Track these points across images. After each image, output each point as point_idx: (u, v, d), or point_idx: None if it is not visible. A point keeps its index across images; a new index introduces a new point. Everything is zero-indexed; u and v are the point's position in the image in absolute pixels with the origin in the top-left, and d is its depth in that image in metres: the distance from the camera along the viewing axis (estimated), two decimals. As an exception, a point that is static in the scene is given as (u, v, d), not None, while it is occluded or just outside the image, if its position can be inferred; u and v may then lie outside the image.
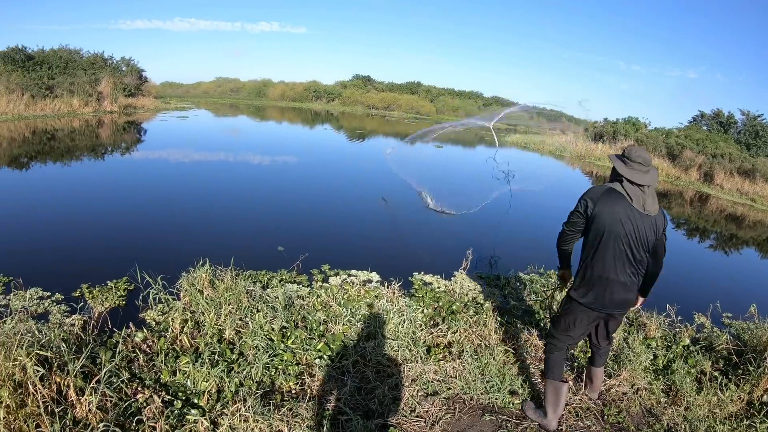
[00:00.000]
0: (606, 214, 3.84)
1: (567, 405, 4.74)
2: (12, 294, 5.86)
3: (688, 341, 6.18)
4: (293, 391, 4.43)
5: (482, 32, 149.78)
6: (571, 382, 4.94)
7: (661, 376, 5.50)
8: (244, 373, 4.41)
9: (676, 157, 29.75)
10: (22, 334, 3.93)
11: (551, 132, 54.18)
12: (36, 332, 4.18)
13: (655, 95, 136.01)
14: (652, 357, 5.75)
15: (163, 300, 5.53)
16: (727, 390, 5.14)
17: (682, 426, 4.66)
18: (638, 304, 4.45)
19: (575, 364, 5.56)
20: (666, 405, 5.05)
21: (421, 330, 5.59)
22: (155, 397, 3.92)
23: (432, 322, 5.88)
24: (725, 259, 13.28)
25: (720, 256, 13.44)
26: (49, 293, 6.04)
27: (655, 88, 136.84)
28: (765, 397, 5.14)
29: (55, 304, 5.83)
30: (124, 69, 39.16)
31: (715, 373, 5.54)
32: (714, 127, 39.04)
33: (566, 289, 4.57)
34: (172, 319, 5.07)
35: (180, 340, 4.82)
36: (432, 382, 4.82)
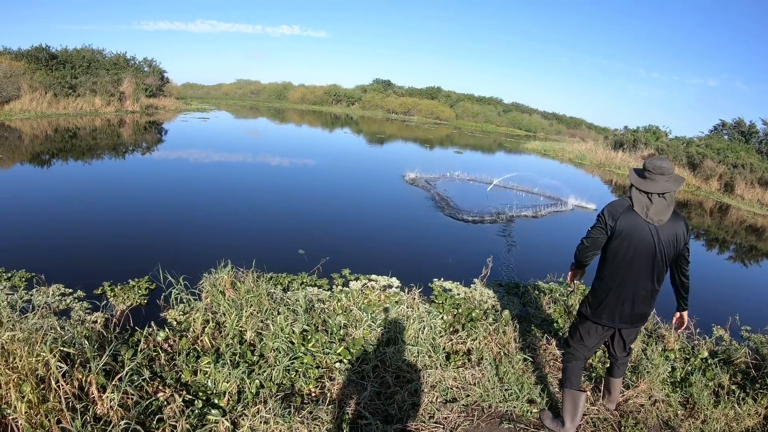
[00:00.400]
0: (626, 231, 3.82)
1: (584, 415, 4.72)
2: (34, 290, 5.95)
3: (706, 354, 6.12)
4: (313, 394, 4.45)
5: (503, 38, 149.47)
6: (589, 393, 4.91)
7: (678, 389, 5.45)
8: (265, 375, 4.42)
9: (697, 166, 29.52)
10: (45, 331, 3.96)
11: (570, 139, 54.11)
12: (58, 329, 4.23)
13: (675, 103, 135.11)
14: (670, 369, 5.70)
15: (184, 300, 5.58)
16: (744, 404, 5.08)
17: (700, 440, 4.60)
18: (684, 321, 4.49)
19: (593, 374, 5.51)
20: (683, 418, 5.00)
21: (441, 336, 5.58)
22: (176, 396, 3.94)
23: (452, 329, 5.87)
24: (745, 271, 13.16)
25: (740, 268, 13.31)
26: (71, 290, 6.12)
27: (675, 96, 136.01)
28: None
29: (76, 301, 5.90)
30: (146, 69, 39.51)
31: (733, 387, 5.48)
32: (735, 137, 38.71)
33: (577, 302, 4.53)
34: (193, 319, 5.10)
35: (201, 341, 4.85)
36: (451, 388, 4.82)
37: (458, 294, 7.31)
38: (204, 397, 4.08)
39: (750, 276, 12.74)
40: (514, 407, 4.71)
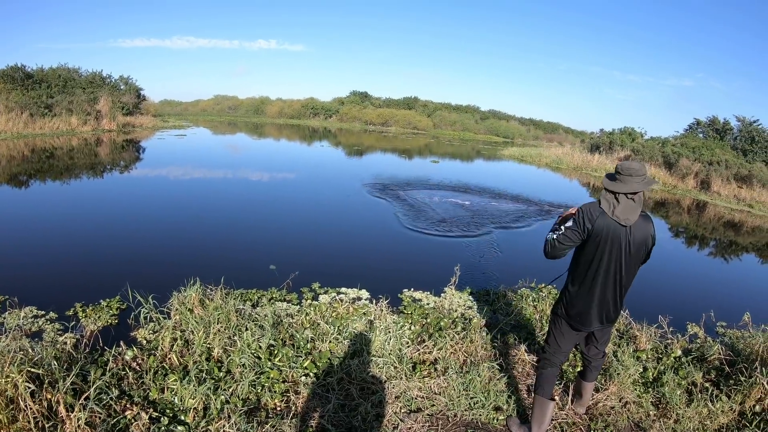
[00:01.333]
0: (602, 233, 3.86)
1: (553, 420, 4.77)
2: (7, 313, 5.95)
3: (679, 352, 6.17)
4: (278, 408, 4.51)
5: (478, 46, 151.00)
6: (557, 398, 4.96)
7: (650, 389, 5.48)
8: (231, 390, 4.48)
9: (673, 165, 29.89)
10: (14, 352, 4.03)
11: (548, 144, 54.39)
12: (29, 350, 4.28)
13: (651, 104, 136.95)
14: (641, 370, 5.75)
15: (154, 319, 5.63)
16: (718, 401, 5.11)
17: (671, 439, 4.65)
18: None
19: (563, 378, 5.55)
20: (655, 418, 5.04)
21: (408, 347, 5.63)
22: (143, 413, 4.01)
23: (419, 339, 5.93)
24: (722, 266, 13.34)
25: (717, 264, 13.49)
26: (43, 312, 6.13)
27: (651, 97, 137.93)
28: (757, 407, 5.13)
29: (49, 322, 5.92)
30: (122, 87, 39.37)
31: (707, 384, 5.52)
32: (710, 135, 39.24)
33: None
34: (162, 337, 5.16)
35: (169, 359, 4.91)
36: (416, 398, 4.87)
37: (428, 303, 7.37)
38: (171, 414, 4.14)
39: (727, 271, 12.92)
40: (480, 415, 4.76)
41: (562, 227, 4.05)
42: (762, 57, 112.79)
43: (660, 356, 6.17)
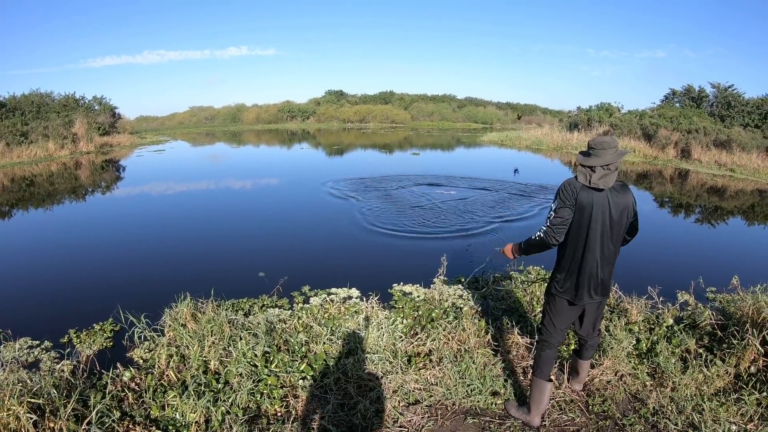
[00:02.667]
0: (585, 204, 3.93)
1: (551, 399, 4.81)
2: (2, 345, 5.97)
3: (671, 321, 6.21)
4: (279, 414, 4.56)
5: (450, 35, 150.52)
6: (553, 377, 5.00)
7: (645, 360, 5.54)
8: (230, 400, 4.52)
9: (652, 137, 30.15)
10: (13, 384, 4.06)
11: (527, 126, 54.58)
12: (27, 381, 4.33)
13: (626, 78, 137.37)
14: (635, 342, 5.80)
15: (148, 337, 5.66)
16: (713, 366, 5.19)
17: (669, 407, 4.73)
18: None
19: (558, 357, 5.56)
20: (652, 388, 5.09)
21: (401, 341, 5.69)
22: (146, 432, 4.07)
23: (412, 332, 5.98)
24: (709, 232, 13.46)
25: (704, 230, 13.62)
26: (38, 341, 6.15)
27: (626, 71, 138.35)
28: (752, 368, 5.22)
29: (44, 351, 5.94)
30: (96, 108, 39.18)
31: (700, 350, 5.58)
32: (686, 103, 39.63)
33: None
34: (157, 355, 5.21)
35: (167, 375, 4.95)
36: (413, 391, 4.93)
37: (418, 296, 7.42)
38: (173, 430, 4.18)
39: (713, 236, 13.03)
40: (478, 401, 4.82)
41: (551, 213, 4.11)
42: (732, 23, 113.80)
43: (652, 327, 6.21)
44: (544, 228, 4.17)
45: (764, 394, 4.87)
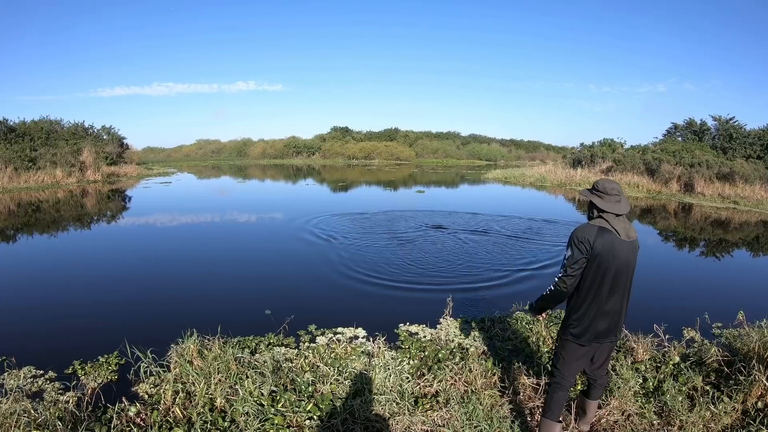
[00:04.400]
0: (604, 252, 3.94)
1: None
2: (6, 374, 5.94)
3: (677, 359, 6.21)
4: (285, 454, 4.52)
5: (456, 74, 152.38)
6: (561, 417, 5.01)
7: (652, 399, 5.50)
8: (237, 440, 4.49)
9: (655, 171, 30.38)
10: (18, 414, 4.04)
11: (531, 163, 54.88)
12: (32, 411, 4.31)
13: (628, 113, 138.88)
14: (641, 380, 5.78)
15: (154, 372, 5.65)
16: (720, 403, 5.15)
17: (677, 445, 4.66)
18: None
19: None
20: (659, 427, 5.07)
21: (408, 382, 5.63)
22: (151, 470, 4.03)
23: (419, 373, 5.93)
24: (714, 266, 13.46)
25: (709, 264, 13.61)
26: (42, 371, 6.10)
27: (627, 106, 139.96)
28: (759, 403, 5.19)
29: (48, 381, 5.89)
30: (105, 137, 39.49)
31: (707, 388, 5.55)
32: (688, 137, 40.07)
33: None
34: (163, 391, 5.18)
35: (173, 412, 4.91)
36: (420, 433, 4.90)
37: (424, 336, 7.40)
38: (179, 468, 4.17)
39: (719, 270, 13.03)
40: (485, 443, 4.77)
41: (565, 261, 4.12)
42: (732, 55, 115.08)
43: (659, 365, 6.20)
44: (558, 277, 4.19)
45: (772, 429, 4.83)
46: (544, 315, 4.80)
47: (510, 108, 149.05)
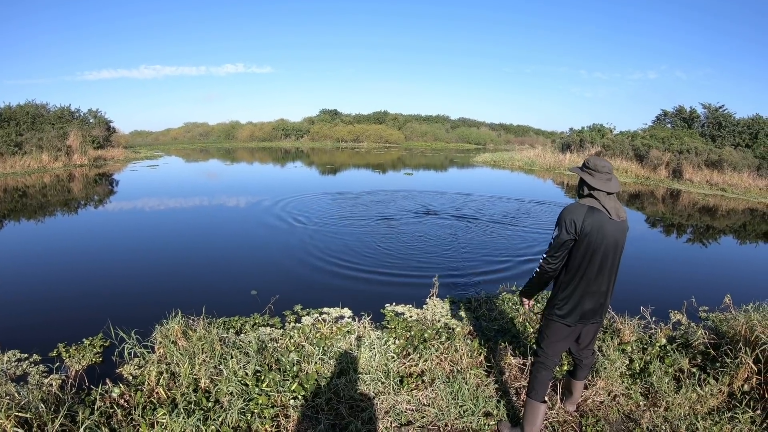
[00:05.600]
0: (593, 232, 3.90)
1: (544, 420, 4.77)
2: (-10, 358, 5.91)
3: (664, 341, 6.23)
4: (269, 434, 4.52)
5: (445, 56, 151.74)
6: (546, 397, 5.00)
7: (638, 380, 5.54)
8: (220, 420, 4.47)
9: (644, 157, 30.50)
10: (1, 397, 4.01)
11: (520, 147, 54.91)
12: (15, 394, 4.27)
13: (618, 100, 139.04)
14: (627, 362, 5.80)
15: (138, 354, 5.63)
16: (706, 385, 5.18)
17: (663, 427, 4.72)
18: None
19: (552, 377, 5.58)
20: (645, 408, 5.09)
21: (394, 361, 5.65)
22: (134, 450, 4.01)
23: (404, 353, 5.93)
24: (701, 251, 13.55)
25: (696, 250, 13.70)
26: (26, 355, 6.06)
27: (618, 92, 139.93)
28: (745, 386, 5.22)
29: (33, 365, 5.85)
30: (91, 121, 39.14)
31: (693, 370, 5.57)
32: (678, 124, 40.13)
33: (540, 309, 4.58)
34: (147, 372, 5.15)
35: (156, 393, 4.89)
36: (405, 412, 4.88)
37: (411, 316, 7.41)
38: (162, 449, 4.15)
39: (705, 256, 13.11)
40: (471, 422, 4.77)
41: (551, 241, 4.09)
42: (723, 44, 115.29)
43: (645, 347, 6.21)
44: (544, 257, 4.18)
45: (758, 412, 4.87)
46: (530, 302, 4.77)
47: (500, 92, 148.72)
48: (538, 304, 7.44)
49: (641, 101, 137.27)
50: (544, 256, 4.17)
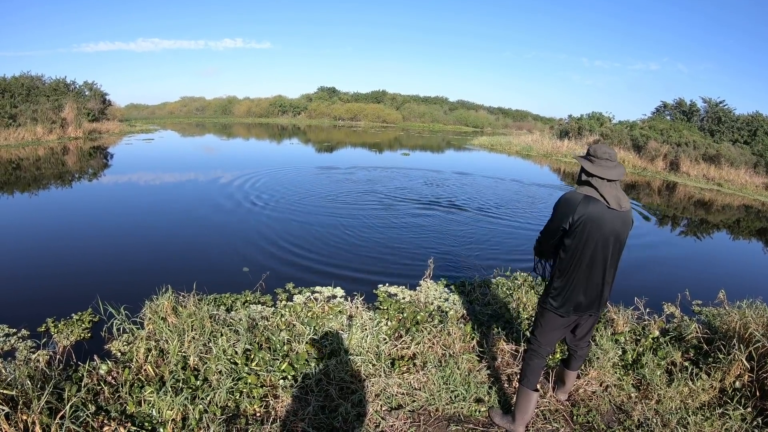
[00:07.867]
0: (587, 222, 3.79)
1: (535, 408, 4.77)
2: (-23, 333, 5.85)
3: (657, 333, 6.24)
4: (258, 414, 4.46)
5: (446, 37, 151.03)
6: (539, 386, 4.89)
7: (630, 371, 5.54)
8: (209, 399, 4.43)
9: (641, 148, 30.49)
10: (-16, 374, 3.96)
11: (517, 132, 54.86)
12: (2, 370, 4.21)
13: (618, 89, 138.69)
14: (620, 352, 5.79)
15: (127, 330, 5.56)
16: (698, 379, 5.18)
17: (654, 420, 4.71)
18: None
19: (545, 365, 5.56)
20: (637, 400, 5.09)
21: (385, 343, 5.62)
22: (121, 429, 3.96)
23: (396, 335, 5.91)
24: (696, 245, 13.57)
25: (690, 243, 13.71)
26: (14, 330, 5.99)
27: (618, 82, 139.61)
28: (737, 383, 5.21)
29: (21, 340, 5.78)
30: (87, 93, 38.77)
31: (686, 363, 5.57)
32: (677, 117, 40.06)
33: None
34: (136, 349, 5.09)
35: (145, 370, 4.84)
36: (396, 395, 4.85)
37: (404, 298, 7.37)
38: (149, 427, 4.08)
39: (700, 250, 13.14)
40: (462, 408, 4.76)
41: (544, 227, 4.07)
42: (725, 39, 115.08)
43: (638, 338, 6.22)
44: (537, 240, 4.20)
45: (749, 409, 4.86)
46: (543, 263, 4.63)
47: (500, 76, 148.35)
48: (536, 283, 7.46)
49: (641, 92, 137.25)
50: (537, 238, 4.19)
